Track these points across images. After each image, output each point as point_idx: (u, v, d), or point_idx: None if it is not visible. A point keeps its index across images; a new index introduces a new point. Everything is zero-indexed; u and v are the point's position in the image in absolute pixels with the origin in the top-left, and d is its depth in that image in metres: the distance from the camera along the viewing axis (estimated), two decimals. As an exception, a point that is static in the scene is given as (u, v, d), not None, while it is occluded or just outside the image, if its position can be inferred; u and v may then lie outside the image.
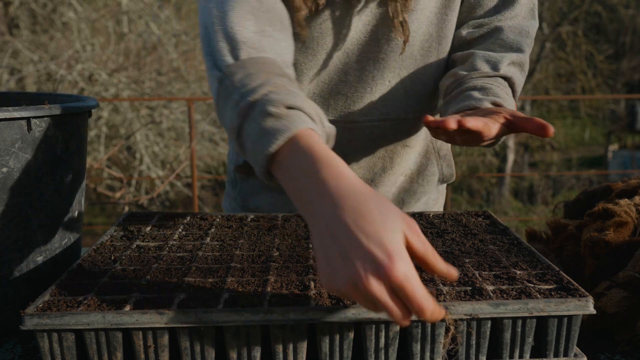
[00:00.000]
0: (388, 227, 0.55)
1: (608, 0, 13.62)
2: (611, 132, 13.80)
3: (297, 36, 0.98)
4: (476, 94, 0.93)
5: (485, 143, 0.86)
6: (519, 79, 1.02)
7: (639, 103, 13.35)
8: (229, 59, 0.76)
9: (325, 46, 1.00)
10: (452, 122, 0.78)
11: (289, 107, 0.66)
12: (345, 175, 0.59)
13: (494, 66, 0.99)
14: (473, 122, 0.79)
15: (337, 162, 0.60)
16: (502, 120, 0.83)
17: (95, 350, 0.65)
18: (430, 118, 0.82)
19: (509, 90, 0.99)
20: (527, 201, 11.44)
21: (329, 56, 1.01)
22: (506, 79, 1.00)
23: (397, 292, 0.54)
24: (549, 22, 12.82)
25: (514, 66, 1.01)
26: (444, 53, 1.05)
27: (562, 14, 12.96)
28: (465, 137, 0.85)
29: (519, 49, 1.01)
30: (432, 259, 0.57)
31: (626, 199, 0.96)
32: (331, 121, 1.04)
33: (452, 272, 0.58)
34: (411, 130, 1.10)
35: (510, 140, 11.21)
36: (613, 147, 13.47)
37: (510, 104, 0.94)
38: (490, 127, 0.81)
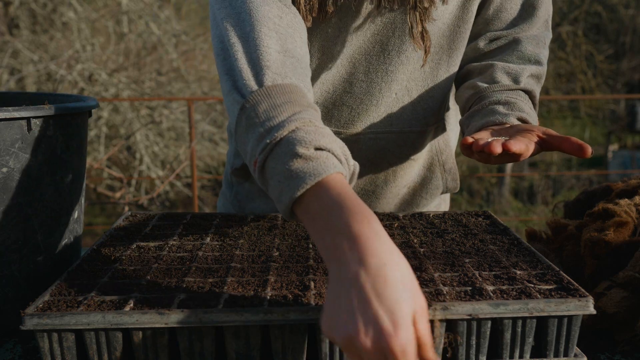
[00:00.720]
0: (403, 299, 0.54)
1: (608, 0, 13.62)
2: (611, 132, 13.79)
3: (309, 40, 0.97)
4: (501, 108, 0.92)
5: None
6: (538, 92, 1.01)
7: (639, 103, 13.35)
8: (252, 84, 0.73)
9: (331, 55, 0.98)
10: (497, 147, 0.77)
11: (318, 149, 0.64)
12: (375, 229, 0.58)
13: (515, 79, 0.98)
14: (517, 146, 0.77)
15: (366, 212, 0.59)
16: (535, 139, 0.82)
17: (95, 350, 0.65)
18: (470, 140, 0.81)
19: (531, 104, 0.97)
20: (527, 201, 11.43)
21: (335, 66, 0.99)
22: (527, 92, 0.99)
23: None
24: (549, 22, 12.78)
25: (533, 78, 1.00)
26: (454, 66, 1.04)
27: (562, 14, 12.96)
28: (501, 158, 0.83)
29: (537, 61, 1.01)
30: (428, 346, 0.56)
31: (626, 199, 0.96)
32: (335, 132, 1.02)
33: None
34: (416, 144, 1.08)
35: (510, 140, 11.14)
36: (613, 147, 13.46)
37: (534, 119, 0.93)
38: (529, 148, 0.79)
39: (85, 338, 0.65)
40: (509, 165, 11.75)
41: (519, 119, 0.91)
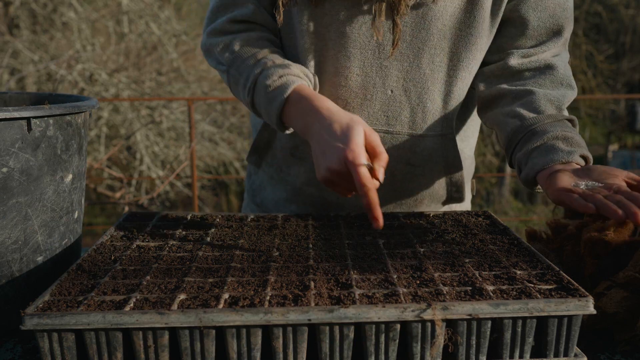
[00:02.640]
0: (350, 133, 0.83)
1: (608, 0, 13.62)
2: (611, 132, 13.79)
3: (302, 33, 1.00)
4: (562, 145, 0.92)
5: None
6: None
7: (639, 103, 13.35)
8: (227, 55, 1.02)
9: (327, 46, 1.00)
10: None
11: (281, 77, 0.94)
12: (327, 104, 0.90)
13: (558, 107, 0.98)
14: None
15: (322, 98, 0.91)
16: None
17: (95, 350, 0.65)
18: (590, 206, 0.77)
19: (581, 138, 0.96)
20: (527, 201, 11.43)
21: (331, 57, 1.00)
22: (570, 120, 0.98)
23: (349, 166, 0.81)
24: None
25: (568, 104, 1.01)
26: (459, 72, 1.02)
27: (562, 14, 12.93)
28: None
29: (569, 85, 1.02)
30: (379, 147, 0.84)
31: (626, 199, 0.96)
32: None
33: (385, 156, 0.84)
34: (416, 149, 1.06)
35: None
36: (613, 147, 13.46)
37: (587, 150, 0.94)
38: None
39: (85, 338, 0.65)
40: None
41: (582, 156, 0.91)
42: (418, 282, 0.72)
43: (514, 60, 1.02)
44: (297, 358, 0.66)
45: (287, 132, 0.98)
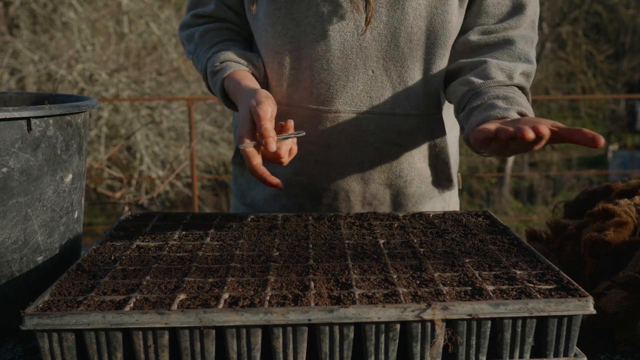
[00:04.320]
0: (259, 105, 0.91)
1: (608, 0, 13.62)
2: (611, 132, 13.79)
3: (277, 19, 1.04)
4: (501, 103, 0.93)
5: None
6: (529, 89, 1.03)
7: (639, 103, 13.35)
8: (190, 47, 1.17)
9: (305, 32, 1.02)
10: (530, 132, 0.76)
11: (222, 62, 1.06)
12: (245, 84, 1.00)
13: (509, 75, 1.00)
14: (546, 130, 0.77)
15: (246, 81, 1.02)
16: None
17: (95, 350, 0.65)
18: (492, 128, 0.81)
19: (526, 99, 0.99)
20: (527, 201, 11.43)
21: (309, 42, 1.02)
22: (520, 88, 1.01)
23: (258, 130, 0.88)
24: (549, 22, 12.82)
25: (524, 76, 1.02)
26: (437, 49, 1.04)
27: (562, 14, 12.96)
28: (516, 148, 0.83)
29: (527, 60, 1.03)
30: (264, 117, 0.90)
31: (626, 199, 0.96)
32: (314, 110, 1.06)
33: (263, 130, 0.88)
34: (401, 128, 1.08)
35: (510, 140, 11.15)
36: (613, 147, 13.46)
37: (532, 113, 0.94)
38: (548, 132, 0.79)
39: (85, 338, 0.65)
40: (509, 165, 11.75)
41: (519, 113, 0.91)
42: (418, 282, 0.72)
43: (474, 36, 1.05)
44: (297, 358, 0.66)
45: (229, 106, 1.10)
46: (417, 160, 1.13)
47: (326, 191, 1.13)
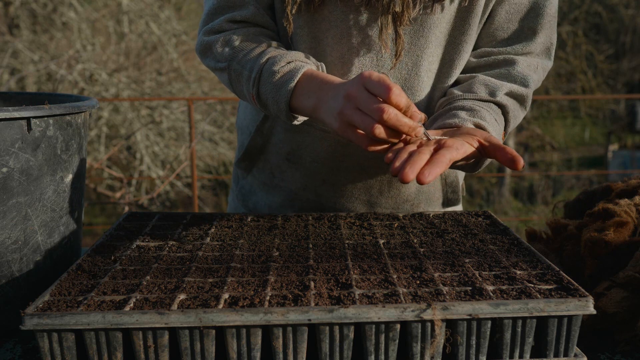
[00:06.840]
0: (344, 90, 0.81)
1: (608, 0, 13.62)
2: (611, 132, 13.80)
3: (299, 38, 0.99)
4: (462, 114, 0.91)
5: (458, 164, 0.84)
6: (515, 111, 1.00)
7: (639, 103, 13.35)
8: (227, 50, 0.98)
9: (325, 52, 0.99)
10: (409, 175, 0.72)
11: (289, 62, 0.91)
12: (331, 79, 0.87)
13: (492, 92, 0.97)
14: (431, 177, 0.72)
15: (328, 76, 0.88)
16: (476, 144, 0.81)
17: (95, 350, 0.65)
18: (389, 155, 0.78)
19: (501, 119, 0.97)
20: (527, 201, 11.43)
21: (329, 64, 1.00)
22: (500, 106, 0.97)
23: (364, 82, 0.78)
24: (549, 22, 12.76)
25: (512, 97, 0.99)
26: (450, 78, 1.03)
27: (562, 14, 12.95)
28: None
29: (523, 83, 1.00)
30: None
31: (626, 199, 0.96)
32: (327, 132, 1.04)
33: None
34: None
35: (510, 140, 11.21)
36: (613, 147, 13.47)
37: (496, 131, 0.92)
38: (457, 155, 0.76)
39: (85, 338, 0.65)
40: (509, 165, 11.73)
41: (476, 125, 0.89)
42: (418, 282, 0.72)
43: (475, 58, 1.03)
44: (297, 358, 0.66)
45: (296, 122, 0.94)
46: (426, 186, 1.11)
47: (331, 210, 1.13)
